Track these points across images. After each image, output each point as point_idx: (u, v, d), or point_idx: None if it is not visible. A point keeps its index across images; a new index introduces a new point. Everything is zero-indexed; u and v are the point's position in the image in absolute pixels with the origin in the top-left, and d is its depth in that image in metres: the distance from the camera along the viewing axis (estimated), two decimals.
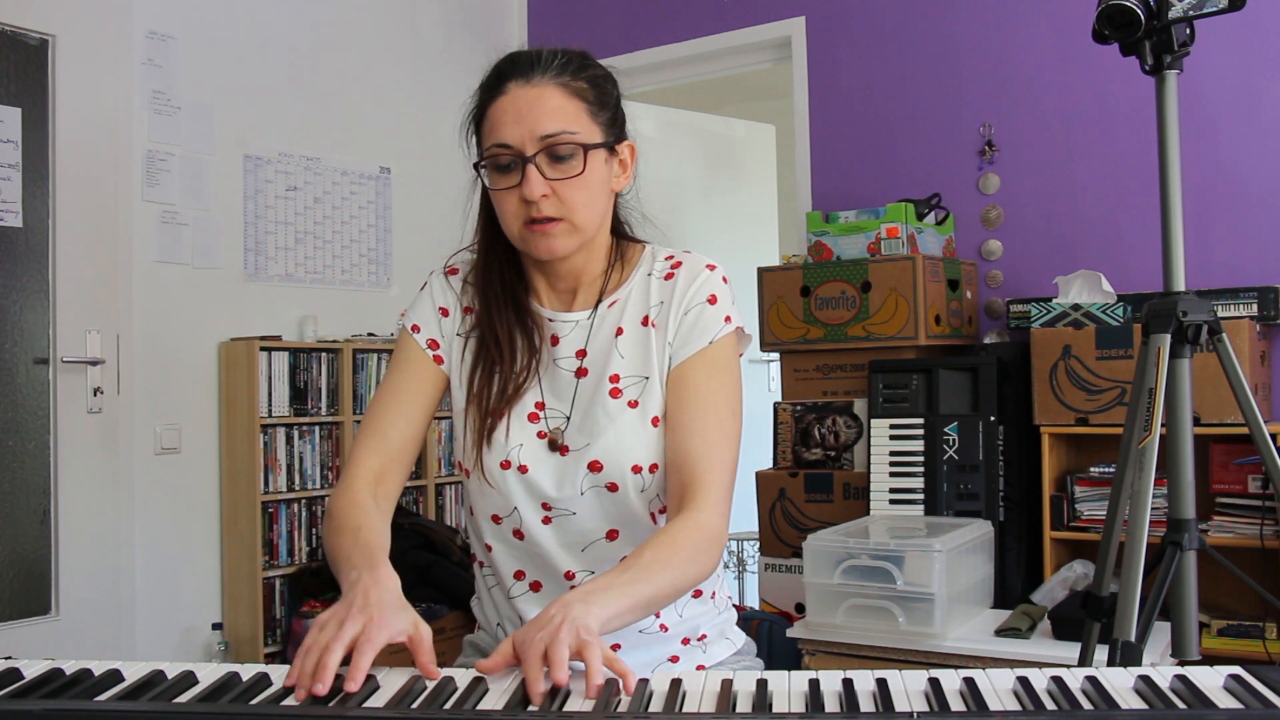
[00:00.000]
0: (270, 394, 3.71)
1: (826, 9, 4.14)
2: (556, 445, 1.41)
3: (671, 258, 1.47)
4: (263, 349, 3.69)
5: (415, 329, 1.48)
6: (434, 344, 1.47)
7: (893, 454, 3.35)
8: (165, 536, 3.59)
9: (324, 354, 3.89)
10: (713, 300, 1.41)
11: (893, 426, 3.36)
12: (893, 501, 3.30)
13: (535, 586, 1.45)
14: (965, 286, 3.67)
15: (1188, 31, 1.97)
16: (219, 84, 3.76)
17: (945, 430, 3.27)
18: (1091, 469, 3.22)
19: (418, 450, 1.46)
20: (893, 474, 3.33)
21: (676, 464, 1.36)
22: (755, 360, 5.08)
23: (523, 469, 1.40)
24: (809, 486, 3.52)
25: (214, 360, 3.74)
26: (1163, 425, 1.93)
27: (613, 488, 1.39)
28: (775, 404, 3.71)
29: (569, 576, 1.42)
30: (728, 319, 1.41)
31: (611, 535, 1.42)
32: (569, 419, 1.41)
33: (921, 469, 3.29)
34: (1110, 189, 3.60)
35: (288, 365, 3.77)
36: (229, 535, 3.74)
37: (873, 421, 3.40)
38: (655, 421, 1.39)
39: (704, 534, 1.28)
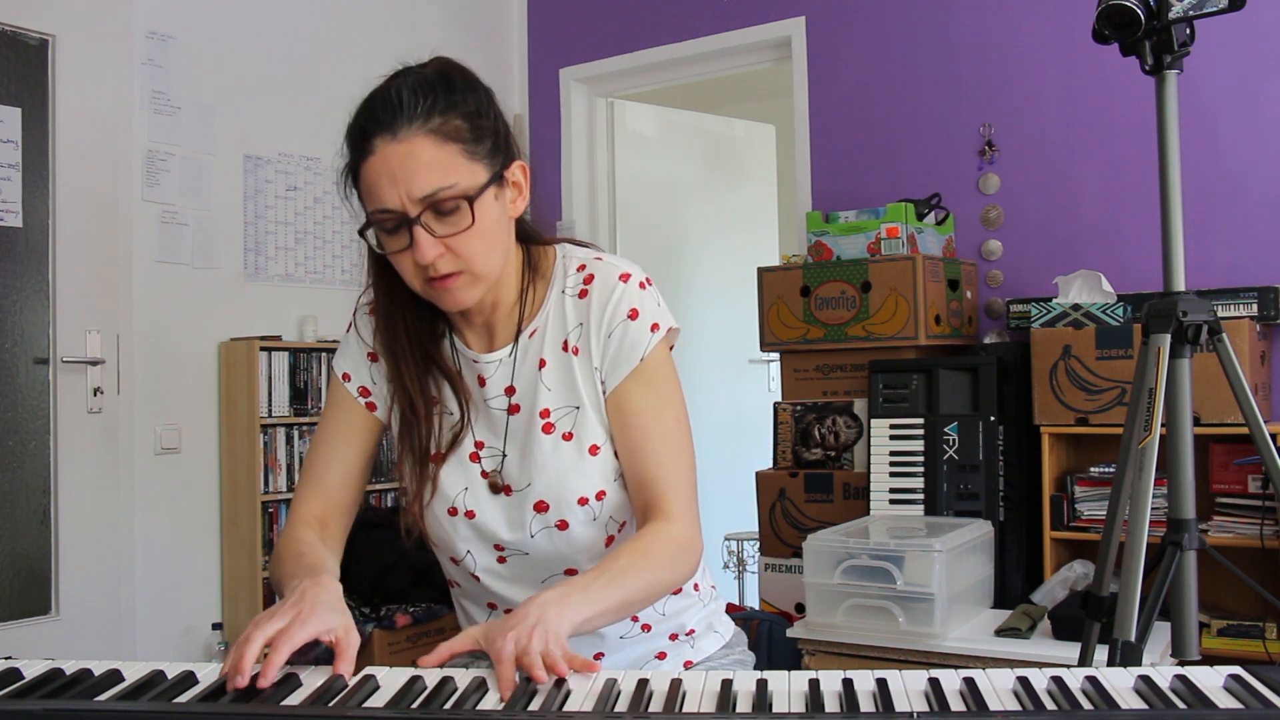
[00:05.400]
0: (270, 394, 3.71)
1: (826, 9, 4.13)
2: (499, 487, 1.38)
3: (584, 268, 1.39)
4: (263, 349, 3.69)
5: (346, 377, 1.43)
6: (365, 391, 1.43)
7: (893, 454, 3.35)
8: (165, 536, 3.58)
9: (324, 354, 3.89)
10: (634, 315, 1.35)
11: (893, 426, 3.36)
12: (893, 501, 3.30)
13: (508, 611, 1.46)
14: (965, 286, 3.67)
15: (1188, 31, 1.97)
16: (219, 84, 3.76)
17: (945, 430, 3.27)
18: (1091, 469, 3.22)
19: (360, 495, 1.44)
20: (893, 474, 3.33)
21: (635, 486, 1.35)
22: (755, 360, 5.08)
23: (470, 514, 1.39)
24: (809, 486, 3.52)
25: (214, 360, 3.74)
26: (1163, 425, 1.93)
27: (562, 526, 1.37)
28: (775, 404, 3.70)
29: None
30: (654, 327, 1.35)
31: (570, 572, 1.40)
32: (505, 456, 1.39)
33: (921, 469, 3.29)
34: (1110, 189, 3.59)
35: (288, 365, 3.77)
36: (229, 535, 3.73)
37: (873, 421, 3.39)
38: (594, 450, 1.36)
39: (675, 543, 1.29)
